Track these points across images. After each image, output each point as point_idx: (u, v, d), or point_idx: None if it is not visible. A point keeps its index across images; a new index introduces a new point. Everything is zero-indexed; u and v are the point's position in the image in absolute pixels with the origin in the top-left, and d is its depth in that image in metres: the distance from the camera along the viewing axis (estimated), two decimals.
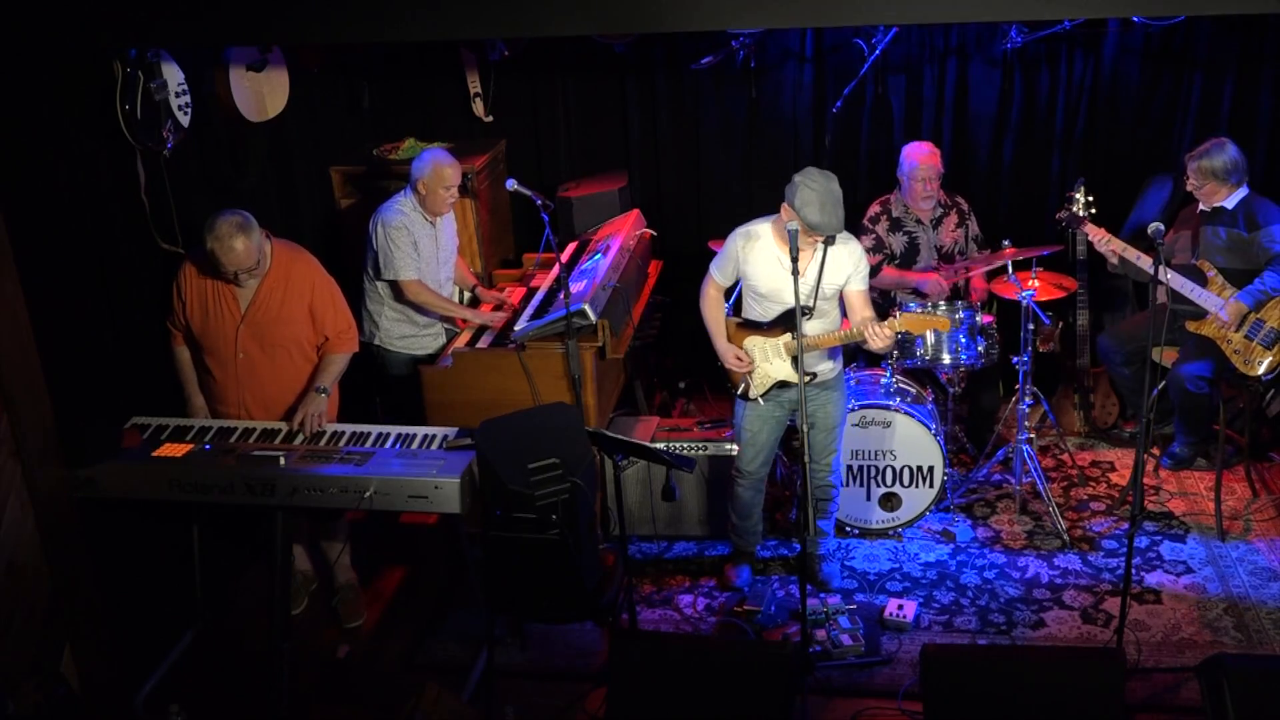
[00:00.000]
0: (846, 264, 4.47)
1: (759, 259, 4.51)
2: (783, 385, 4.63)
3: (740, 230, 4.57)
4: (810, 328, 4.51)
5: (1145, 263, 5.11)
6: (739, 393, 4.70)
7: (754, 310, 4.64)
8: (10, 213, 3.85)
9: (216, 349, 4.49)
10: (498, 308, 5.46)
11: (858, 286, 4.52)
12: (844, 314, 4.66)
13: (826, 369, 4.66)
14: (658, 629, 4.78)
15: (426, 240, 5.16)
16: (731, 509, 4.99)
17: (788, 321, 4.52)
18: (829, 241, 4.39)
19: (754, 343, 4.62)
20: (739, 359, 4.61)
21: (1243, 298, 5.03)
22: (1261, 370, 5.05)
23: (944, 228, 5.69)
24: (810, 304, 4.48)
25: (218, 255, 4.23)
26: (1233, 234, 5.12)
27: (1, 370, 3.82)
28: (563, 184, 6.22)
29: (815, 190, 4.24)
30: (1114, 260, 5.25)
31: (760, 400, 4.66)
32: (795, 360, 4.54)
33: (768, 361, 4.60)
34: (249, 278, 4.35)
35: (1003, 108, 6.04)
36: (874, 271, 5.66)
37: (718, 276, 4.66)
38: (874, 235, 5.66)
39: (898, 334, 4.45)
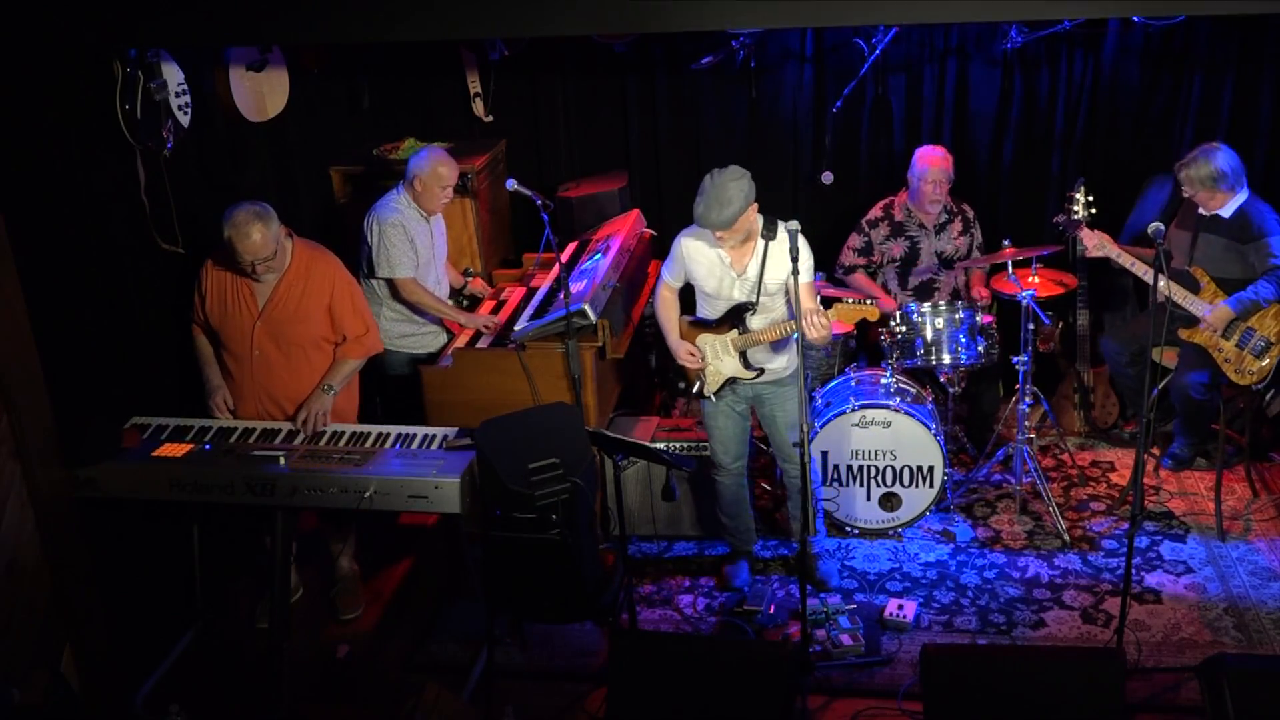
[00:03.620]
0: (788, 258, 4.47)
1: (701, 258, 4.57)
2: (734, 381, 4.67)
3: (684, 232, 4.64)
4: (755, 323, 4.58)
5: (1140, 269, 5.11)
6: (694, 392, 4.75)
7: (704, 309, 4.70)
8: (10, 213, 3.85)
9: (233, 346, 4.50)
10: (495, 310, 5.46)
11: (803, 279, 4.51)
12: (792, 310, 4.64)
13: (779, 365, 4.68)
14: (658, 629, 4.78)
15: (422, 237, 5.16)
16: (719, 509, 5.00)
17: (734, 318, 4.58)
18: (770, 237, 4.46)
19: (705, 340, 4.67)
20: (691, 354, 4.66)
21: (1230, 303, 5.03)
22: (1252, 380, 5.04)
23: (947, 234, 5.69)
24: (754, 299, 4.54)
25: (234, 244, 4.25)
26: (1228, 244, 5.11)
27: (1, 370, 3.83)
28: (563, 184, 6.22)
29: (706, 185, 4.36)
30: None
31: (714, 398, 4.71)
32: (744, 356, 4.60)
33: (718, 359, 4.66)
34: (267, 271, 4.36)
35: (1003, 108, 6.03)
36: (849, 271, 5.67)
37: (669, 279, 4.72)
38: (865, 238, 5.66)
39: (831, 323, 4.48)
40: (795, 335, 4.42)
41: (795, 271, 4.04)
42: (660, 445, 5.01)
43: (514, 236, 6.46)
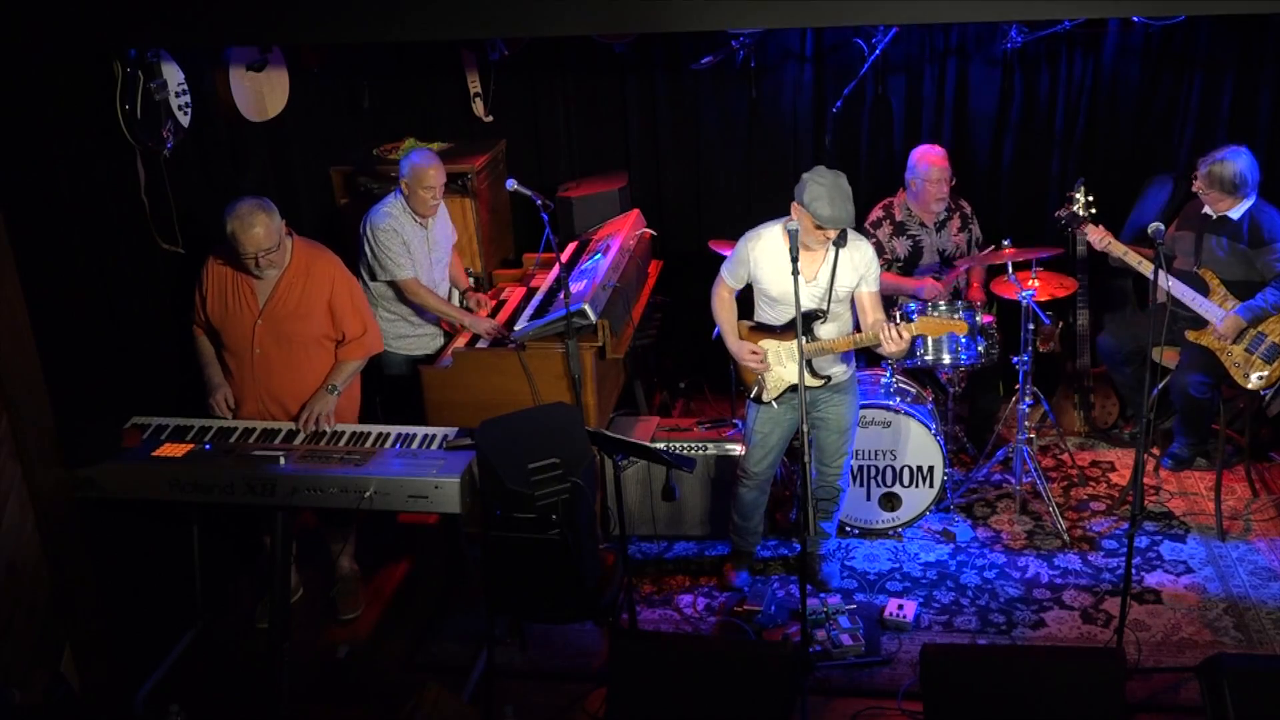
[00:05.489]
0: (859, 266, 4.46)
1: (770, 262, 4.49)
2: (796, 388, 4.62)
3: (751, 233, 4.55)
4: (824, 331, 4.51)
5: (1147, 268, 5.10)
6: (752, 396, 4.69)
7: (766, 314, 4.62)
8: (10, 213, 3.85)
9: (235, 345, 4.50)
10: (495, 310, 5.46)
11: (869, 289, 4.50)
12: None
13: (840, 371, 4.64)
14: (658, 629, 4.78)
15: (417, 241, 5.16)
16: (734, 510, 4.98)
17: (801, 325, 4.51)
18: (840, 244, 4.38)
19: (768, 345, 4.60)
20: (754, 353, 4.59)
21: (1241, 312, 5.02)
22: (1259, 384, 5.04)
23: (948, 230, 5.69)
24: (824, 307, 4.47)
25: (238, 236, 4.25)
26: (1235, 247, 5.10)
27: (1, 370, 3.83)
28: (563, 184, 6.22)
29: (824, 185, 4.23)
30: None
31: (774, 403, 4.65)
32: (809, 364, 4.53)
33: (781, 365, 4.59)
34: (269, 265, 4.36)
35: (1003, 108, 6.04)
36: None
37: (729, 279, 4.64)
38: (874, 240, 5.66)
39: (914, 338, 4.44)
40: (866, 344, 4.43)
41: (795, 271, 4.03)
42: (660, 445, 5.01)
43: (514, 237, 6.47)
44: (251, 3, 3.90)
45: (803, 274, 4.41)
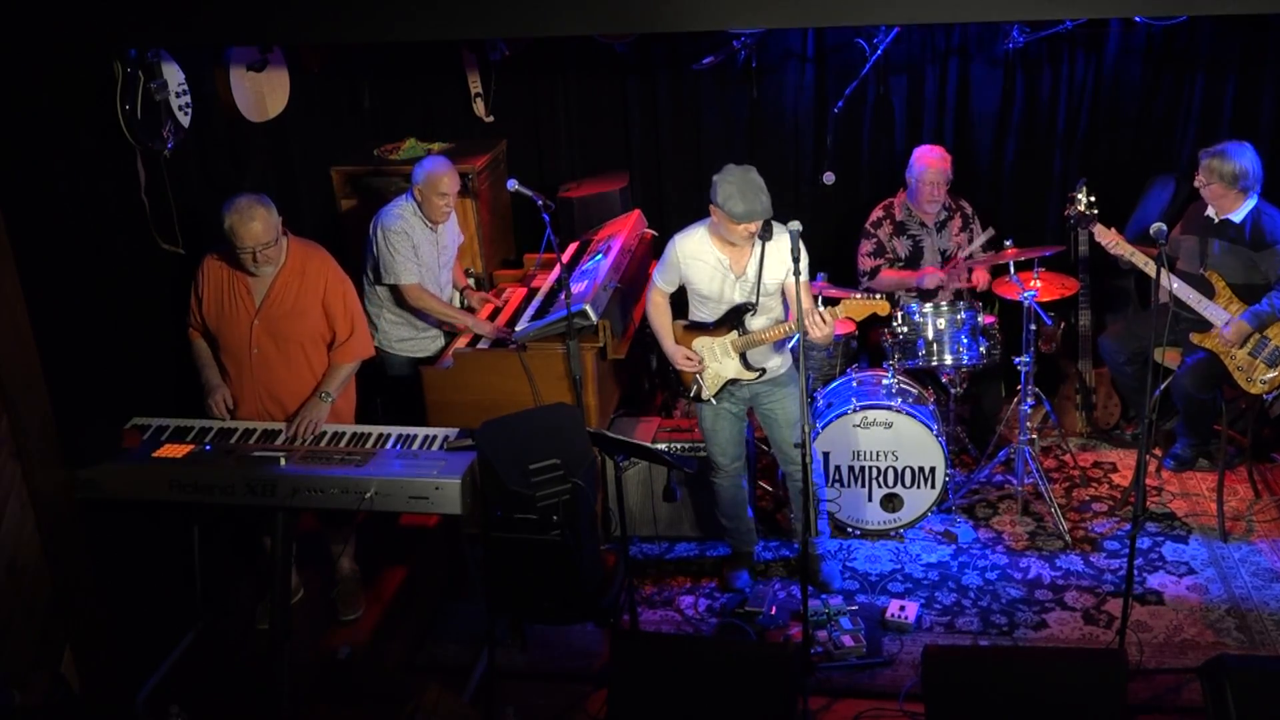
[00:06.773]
0: (786, 258, 4.46)
1: (699, 261, 4.53)
2: (734, 383, 4.65)
3: (678, 236, 4.60)
4: (754, 324, 4.57)
5: (1153, 269, 5.08)
6: (691, 395, 4.73)
7: (700, 312, 4.67)
8: (10, 213, 3.85)
9: (232, 346, 4.49)
10: (495, 313, 5.46)
11: (801, 278, 4.51)
12: (787, 308, 4.63)
13: (776, 364, 4.67)
14: (659, 630, 4.78)
15: (427, 245, 5.15)
16: (719, 511, 4.99)
17: (733, 320, 4.57)
18: (765, 237, 4.42)
19: (702, 344, 4.65)
20: (689, 358, 4.63)
21: (1247, 317, 5.01)
22: (1263, 389, 5.03)
23: (948, 231, 5.69)
24: (753, 300, 4.52)
25: (236, 230, 4.25)
26: (1237, 250, 5.09)
27: (1, 370, 3.82)
28: (564, 184, 6.21)
29: (734, 183, 4.27)
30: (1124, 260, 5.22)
31: (713, 400, 4.68)
32: (744, 358, 4.59)
33: (716, 361, 4.64)
34: (266, 262, 4.36)
35: (1004, 108, 6.03)
36: (873, 274, 5.66)
37: (661, 283, 4.68)
38: (875, 240, 5.65)
39: (837, 318, 4.47)
40: (796, 335, 4.42)
41: (797, 272, 4.03)
42: (661, 446, 5.00)
43: (515, 237, 6.46)
44: (251, 3, 3.89)
45: (732, 269, 4.48)
